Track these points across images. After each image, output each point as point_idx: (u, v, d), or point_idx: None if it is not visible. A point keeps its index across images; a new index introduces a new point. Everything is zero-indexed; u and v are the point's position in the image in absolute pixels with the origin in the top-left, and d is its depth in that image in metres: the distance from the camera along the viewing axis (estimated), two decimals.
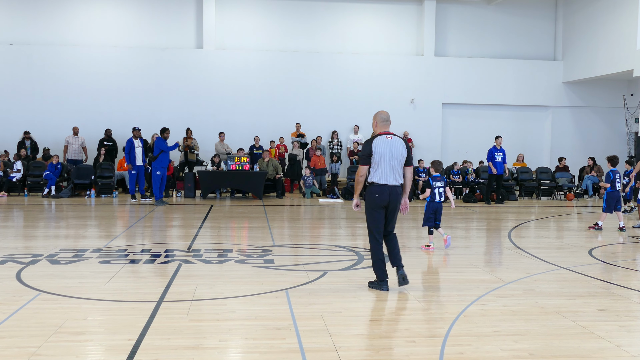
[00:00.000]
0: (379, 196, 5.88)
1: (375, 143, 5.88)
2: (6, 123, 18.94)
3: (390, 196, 5.90)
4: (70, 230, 10.19)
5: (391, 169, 5.87)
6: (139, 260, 7.45)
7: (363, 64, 20.51)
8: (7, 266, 6.87)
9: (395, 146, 5.89)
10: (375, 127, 6.10)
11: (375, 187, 5.89)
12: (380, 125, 6.05)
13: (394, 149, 5.88)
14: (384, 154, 5.85)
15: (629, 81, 21.13)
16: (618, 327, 4.88)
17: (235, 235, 9.99)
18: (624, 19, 18.31)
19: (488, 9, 21.26)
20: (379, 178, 5.87)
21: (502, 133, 21.01)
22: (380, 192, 5.87)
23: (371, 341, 4.47)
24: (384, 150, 5.85)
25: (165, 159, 14.44)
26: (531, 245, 9.17)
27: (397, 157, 5.89)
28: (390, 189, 5.88)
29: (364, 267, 7.17)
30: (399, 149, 5.90)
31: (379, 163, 5.86)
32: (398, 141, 5.94)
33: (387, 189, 5.87)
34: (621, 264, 7.69)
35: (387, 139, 5.91)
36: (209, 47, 19.84)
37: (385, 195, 5.87)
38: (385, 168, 5.86)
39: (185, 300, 5.46)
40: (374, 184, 5.91)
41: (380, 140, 5.90)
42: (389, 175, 5.87)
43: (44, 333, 4.45)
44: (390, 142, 5.90)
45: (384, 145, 5.87)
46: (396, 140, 5.93)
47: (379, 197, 5.88)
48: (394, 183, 5.90)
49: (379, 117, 6.07)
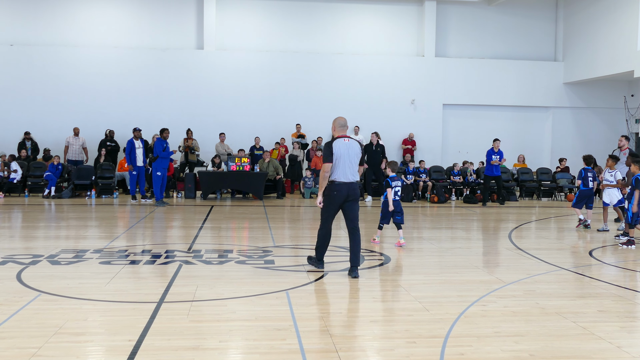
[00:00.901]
0: (337, 193, 6.57)
1: (335, 145, 6.59)
2: (7, 124, 18.95)
3: (348, 192, 6.59)
4: (71, 231, 10.19)
5: (349, 168, 6.56)
6: (139, 260, 7.45)
7: (363, 64, 20.52)
8: (7, 267, 6.88)
9: (351, 148, 6.64)
10: (334, 131, 6.85)
11: (335, 185, 6.57)
12: (338, 129, 6.81)
13: (351, 151, 6.61)
14: (342, 155, 6.55)
15: (629, 82, 21.13)
16: (619, 328, 4.87)
17: (235, 236, 9.99)
18: (625, 20, 18.31)
19: (488, 10, 21.27)
20: (338, 176, 6.56)
21: (503, 134, 21.02)
22: (339, 189, 6.56)
23: (372, 342, 4.46)
24: (342, 152, 6.55)
25: (165, 160, 14.43)
26: (532, 246, 9.16)
27: (353, 157, 6.61)
28: (348, 186, 6.58)
29: (364, 267, 7.16)
30: (355, 151, 6.64)
31: (338, 163, 6.56)
32: (354, 143, 6.72)
33: (345, 186, 6.57)
34: (622, 265, 7.69)
35: (345, 142, 6.64)
36: (210, 47, 19.85)
37: (343, 192, 6.57)
38: (343, 167, 6.55)
39: (186, 301, 5.45)
40: (333, 182, 6.58)
41: (339, 143, 6.61)
42: (347, 173, 6.56)
43: (44, 334, 4.45)
44: (348, 145, 6.64)
45: (342, 147, 6.59)
46: (352, 143, 6.71)
47: (338, 194, 6.57)
48: (352, 180, 6.60)
49: (337, 122, 6.83)
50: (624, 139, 12.28)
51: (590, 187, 11.08)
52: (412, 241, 9.60)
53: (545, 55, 21.70)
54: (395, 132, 20.18)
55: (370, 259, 7.74)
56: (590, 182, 11.09)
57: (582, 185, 11.14)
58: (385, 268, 7.23)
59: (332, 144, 6.61)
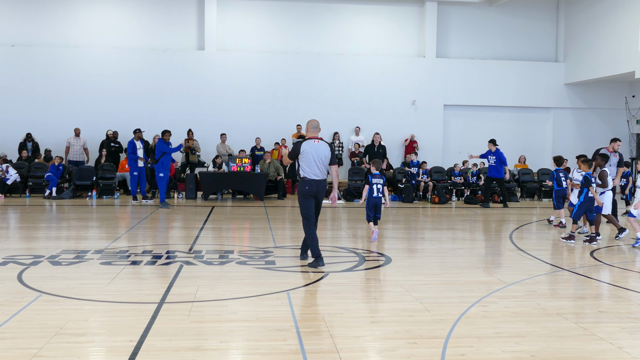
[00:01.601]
0: (308, 188, 7.24)
1: (304, 145, 7.24)
2: (8, 124, 18.97)
3: (318, 188, 7.26)
4: (72, 232, 10.20)
5: (317, 167, 7.23)
6: (140, 261, 7.45)
7: (364, 65, 20.52)
8: (8, 267, 6.88)
9: (320, 149, 7.26)
10: (307, 132, 7.46)
11: (306, 181, 7.25)
12: (310, 131, 7.41)
13: (319, 151, 7.25)
14: (311, 154, 7.20)
15: (630, 83, 21.12)
16: (620, 328, 4.87)
17: (236, 237, 9.99)
18: (626, 21, 18.30)
19: (489, 11, 21.26)
20: (308, 174, 7.24)
21: (504, 134, 21.05)
22: (309, 184, 7.23)
23: (372, 342, 4.46)
24: (311, 152, 7.21)
25: (167, 161, 14.44)
26: (532, 246, 9.16)
27: (322, 157, 7.26)
28: (317, 182, 7.24)
29: (365, 268, 7.17)
30: (323, 151, 7.28)
31: (308, 162, 7.21)
32: (323, 145, 7.34)
33: (314, 182, 7.24)
34: (622, 266, 7.68)
35: (314, 143, 7.28)
36: (211, 48, 19.86)
37: (313, 187, 7.24)
38: (313, 166, 7.22)
39: (187, 302, 5.45)
40: (304, 178, 7.25)
41: (308, 144, 7.26)
42: (316, 171, 7.24)
43: (45, 334, 4.45)
44: (317, 146, 7.27)
45: (311, 147, 7.24)
46: (322, 144, 7.32)
47: (309, 189, 7.24)
48: (320, 178, 7.27)
49: (310, 124, 7.45)
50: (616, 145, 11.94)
51: (564, 187, 11.50)
52: (413, 242, 9.60)
53: (546, 55, 21.69)
54: (396, 132, 20.18)
55: (370, 260, 7.74)
56: (563, 181, 11.55)
57: (557, 186, 11.57)
58: (386, 269, 7.23)
59: (301, 144, 7.27)
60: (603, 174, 9.62)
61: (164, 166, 14.34)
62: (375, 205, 9.34)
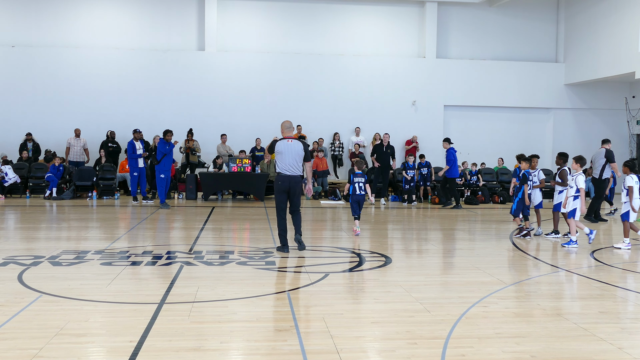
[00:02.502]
0: (281, 183, 8.09)
1: (279, 145, 8.13)
2: (8, 125, 18.97)
3: (290, 183, 8.09)
4: (72, 232, 10.20)
5: (290, 164, 8.07)
6: (140, 262, 7.45)
7: (364, 65, 20.52)
8: (8, 268, 6.88)
9: (293, 147, 8.13)
10: (282, 132, 8.30)
11: (280, 176, 8.10)
12: (285, 131, 8.27)
13: (292, 149, 8.11)
14: (285, 152, 8.06)
15: (630, 83, 21.12)
16: (620, 329, 4.87)
17: (236, 237, 9.99)
18: (626, 21, 18.30)
19: (489, 11, 21.27)
20: (282, 170, 8.10)
21: (504, 135, 21.10)
22: (283, 180, 8.08)
23: (373, 343, 4.46)
24: (285, 150, 8.07)
25: (168, 162, 14.43)
26: (533, 247, 9.16)
27: (294, 155, 8.09)
28: (290, 178, 8.09)
29: (365, 269, 7.17)
30: (296, 150, 8.12)
31: (282, 159, 8.07)
32: (297, 143, 8.18)
33: (287, 178, 8.08)
34: (623, 266, 7.68)
35: (287, 142, 8.14)
36: (211, 49, 19.86)
37: (286, 183, 8.09)
38: (286, 163, 8.06)
39: (187, 302, 5.46)
40: (279, 174, 8.12)
41: (282, 143, 8.13)
42: (290, 167, 8.08)
43: (45, 335, 4.45)
44: (290, 144, 8.13)
45: (285, 146, 8.10)
46: (295, 143, 8.17)
47: (282, 184, 8.09)
48: (294, 174, 8.12)
49: (284, 125, 8.31)
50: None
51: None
52: (413, 242, 9.60)
53: (546, 56, 21.70)
54: (396, 133, 20.16)
55: (371, 260, 7.74)
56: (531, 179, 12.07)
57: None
58: (386, 269, 7.23)
59: (275, 143, 8.16)
60: (563, 173, 9.74)
61: (165, 167, 14.33)
62: (358, 201, 10.04)
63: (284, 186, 8.08)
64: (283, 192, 8.13)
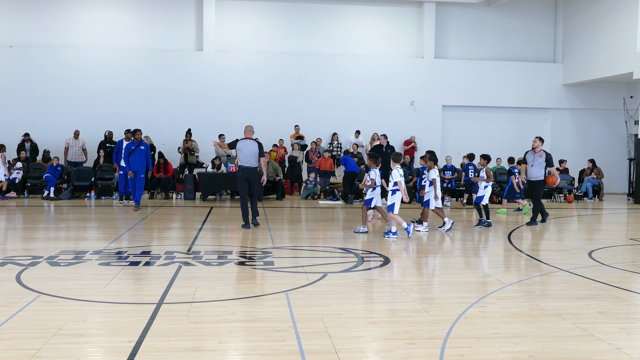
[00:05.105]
0: (242, 173, 10.62)
1: (239, 143, 10.69)
2: (6, 125, 18.96)
3: (249, 173, 10.63)
4: (70, 232, 10.19)
5: (247, 159, 10.61)
6: (138, 262, 7.45)
7: (363, 66, 20.53)
8: (7, 268, 6.87)
9: (250, 145, 10.65)
10: (244, 134, 10.73)
11: (241, 168, 10.64)
12: (246, 133, 10.76)
13: (249, 148, 10.64)
14: (243, 150, 10.60)
15: (628, 83, 21.16)
16: (618, 329, 4.88)
17: (235, 237, 9.98)
18: (624, 22, 18.33)
19: (488, 11, 21.29)
20: (242, 163, 10.62)
21: (502, 135, 21.13)
22: (243, 171, 10.64)
23: (371, 343, 4.47)
24: (244, 148, 10.62)
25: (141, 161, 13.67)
26: (531, 247, 9.16)
27: (251, 152, 10.63)
28: (248, 169, 10.63)
29: (363, 269, 7.17)
30: (253, 148, 10.64)
31: (241, 155, 10.59)
32: (253, 143, 10.68)
33: (246, 169, 10.63)
34: (621, 266, 7.69)
35: (246, 142, 10.67)
36: (209, 49, 19.86)
37: (245, 173, 10.63)
38: (244, 158, 10.60)
39: (185, 302, 5.45)
40: (241, 166, 10.63)
41: (242, 142, 10.69)
42: (248, 161, 10.62)
43: (43, 335, 4.45)
44: (248, 143, 10.66)
45: (244, 145, 10.65)
46: (252, 142, 10.68)
47: (242, 174, 10.63)
48: (251, 166, 10.64)
49: (246, 129, 10.81)
50: (538, 140, 12.41)
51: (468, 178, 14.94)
52: (411, 242, 9.60)
53: (544, 56, 21.73)
54: (394, 133, 20.17)
55: (369, 260, 7.75)
56: (471, 173, 15.10)
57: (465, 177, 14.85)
58: (384, 269, 7.23)
59: (237, 142, 10.73)
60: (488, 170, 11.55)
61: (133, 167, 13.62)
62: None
63: (244, 175, 10.61)
64: (244, 180, 10.63)
